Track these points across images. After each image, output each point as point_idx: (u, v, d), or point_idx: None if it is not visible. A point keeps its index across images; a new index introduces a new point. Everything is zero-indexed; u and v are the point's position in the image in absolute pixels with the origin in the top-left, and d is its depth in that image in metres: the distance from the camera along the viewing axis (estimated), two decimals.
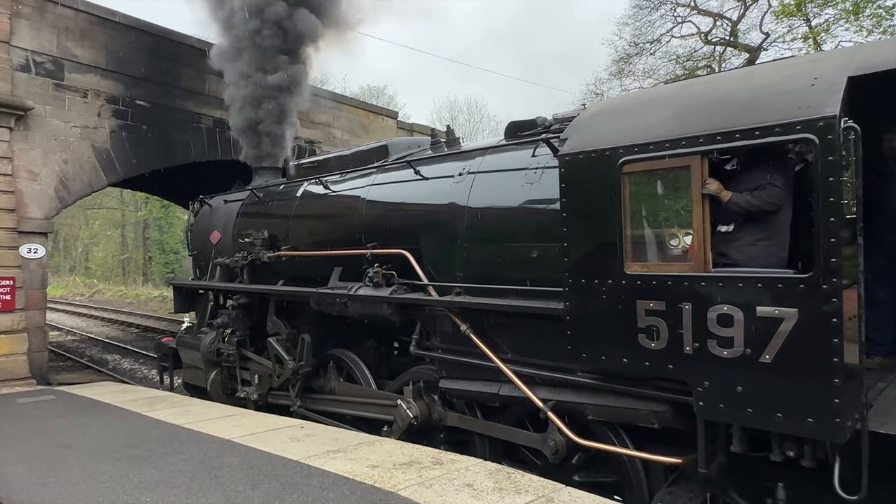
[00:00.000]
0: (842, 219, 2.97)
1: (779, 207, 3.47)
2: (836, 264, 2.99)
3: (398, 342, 7.03)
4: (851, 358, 3.03)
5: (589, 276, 3.92)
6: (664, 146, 3.57)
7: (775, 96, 3.29)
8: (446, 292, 5.11)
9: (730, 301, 3.33)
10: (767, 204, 3.46)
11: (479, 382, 4.96)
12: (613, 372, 3.94)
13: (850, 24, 16.49)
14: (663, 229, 3.75)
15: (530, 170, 4.74)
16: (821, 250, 3.03)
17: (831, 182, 2.97)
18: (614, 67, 23.79)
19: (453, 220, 5.16)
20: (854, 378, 3.06)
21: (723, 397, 3.37)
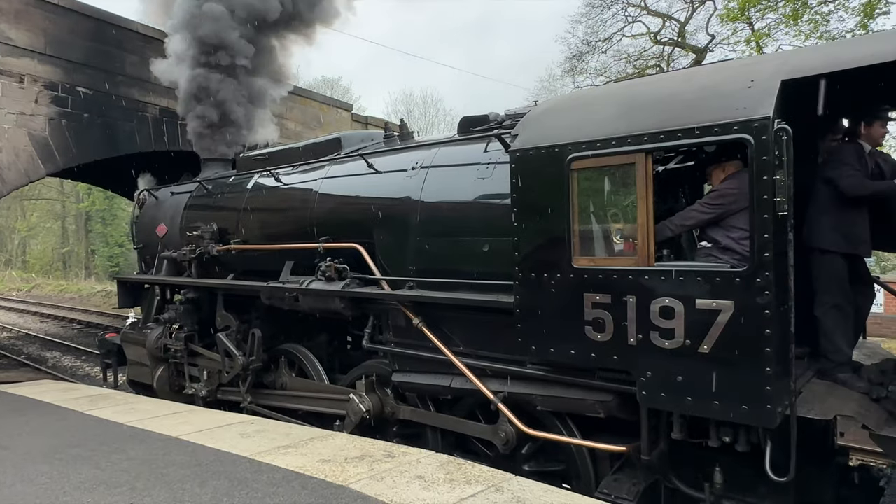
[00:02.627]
0: (774, 216, 3.12)
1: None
2: (769, 259, 3.14)
3: (351, 336, 7.00)
4: (782, 348, 3.20)
5: (538, 270, 4.00)
6: (611, 143, 3.67)
7: (715, 97, 3.43)
8: (399, 286, 5.12)
9: (671, 294, 3.46)
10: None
11: (432, 375, 5.00)
12: (561, 363, 4.03)
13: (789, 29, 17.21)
14: (610, 224, 3.86)
15: (482, 165, 4.78)
16: (755, 246, 3.18)
17: (765, 181, 3.12)
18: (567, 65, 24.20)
19: (406, 213, 5.16)
20: (784, 367, 3.23)
21: (664, 387, 3.51)
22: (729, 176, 3.76)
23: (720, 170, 3.86)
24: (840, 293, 3.95)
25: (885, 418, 3.36)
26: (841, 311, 3.92)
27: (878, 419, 3.35)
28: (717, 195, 3.73)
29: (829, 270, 3.93)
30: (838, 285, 3.94)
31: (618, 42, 23.21)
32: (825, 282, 3.93)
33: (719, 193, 3.72)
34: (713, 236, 3.64)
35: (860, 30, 15.08)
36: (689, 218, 3.78)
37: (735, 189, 3.61)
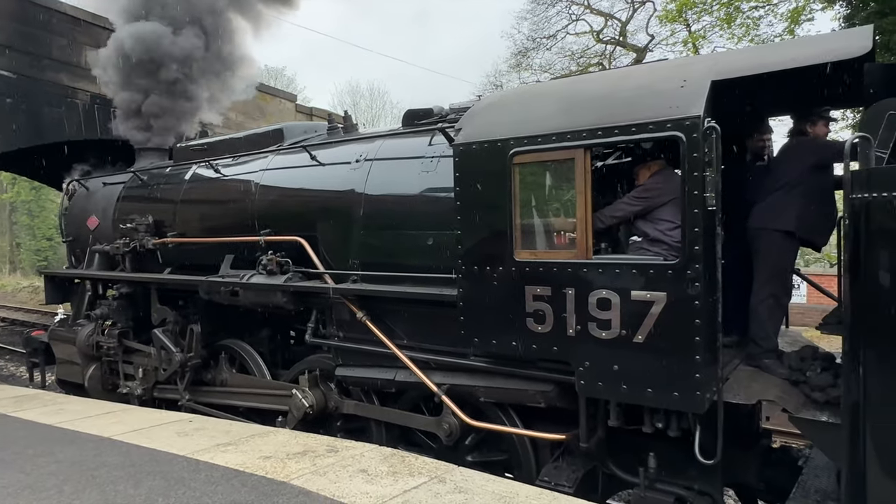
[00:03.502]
0: (704, 211, 3.26)
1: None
2: (699, 251, 3.28)
3: (294, 331, 6.90)
4: (710, 337, 3.35)
5: (481, 263, 4.04)
6: (551, 139, 3.74)
7: (650, 96, 3.54)
8: (343, 280, 5.07)
9: (608, 286, 3.56)
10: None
11: (376, 369, 4.98)
12: (503, 355, 4.09)
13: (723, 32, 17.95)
14: (550, 218, 3.94)
15: (427, 158, 4.78)
16: (686, 239, 3.31)
17: (695, 177, 3.25)
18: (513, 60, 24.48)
19: (350, 206, 5.12)
20: (712, 355, 3.38)
21: (601, 376, 3.62)
22: (654, 173, 3.96)
23: (646, 168, 4.03)
24: (782, 284, 4.13)
25: (802, 402, 3.57)
26: (778, 301, 4.11)
27: (797, 403, 3.55)
28: (642, 190, 3.90)
29: (782, 254, 4.04)
30: (782, 275, 4.12)
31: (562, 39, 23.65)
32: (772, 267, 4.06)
33: (644, 188, 3.89)
34: (643, 229, 3.79)
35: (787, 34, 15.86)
36: (617, 210, 3.93)
37: (659, 185, 3.82)
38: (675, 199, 3.65)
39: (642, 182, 3.99)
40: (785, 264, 4.10)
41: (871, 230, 2.83)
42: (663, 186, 3.77)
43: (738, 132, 4.60)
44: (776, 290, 4.07)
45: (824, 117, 4.10)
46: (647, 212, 3.79)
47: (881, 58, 10.52)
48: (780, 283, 4.11)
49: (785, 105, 4.34)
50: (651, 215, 3.77)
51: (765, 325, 4.06)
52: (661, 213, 3.72)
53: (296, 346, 6.82)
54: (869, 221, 2.83)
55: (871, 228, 2.82)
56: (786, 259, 4.09)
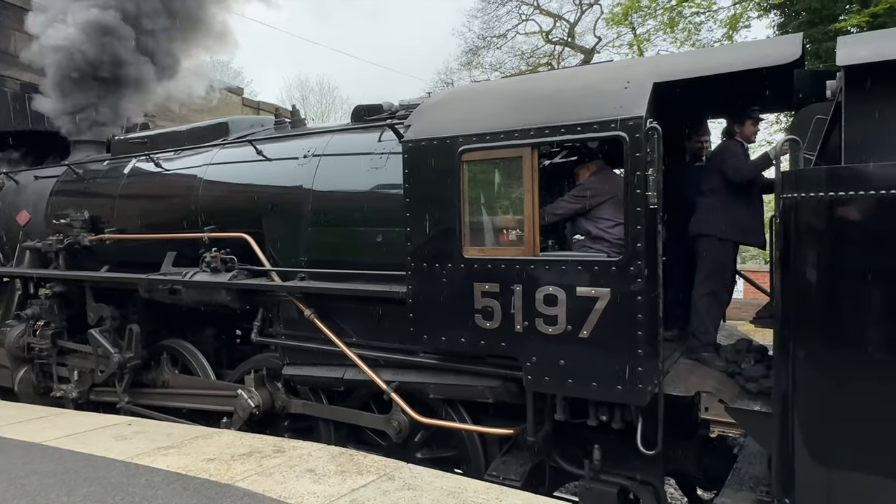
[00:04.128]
0: (646, 209, 3.35)
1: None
2: (642, 249, 3.38)
3: (240, 330, 6.74)
4: (652, 331, 3.46)
5: (430, 260, 4.05)
6: (499, 137, 3.78)
7: (595, 96, 3.62)
8: (290, 277, 4.99)
9: (555, 283, 3.63)
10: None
11: (324, 367, 4.92)
12: (452, 351, 4.12)
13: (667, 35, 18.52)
14: (498, 216, 3.98)
15: (376, 154, 4.75)
16: (629, 237, 3.40)
17: (637, 176, 3.35)
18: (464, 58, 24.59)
19: (297, 203, 5.03)
20: (654, 349, 3.49)
21: (548, 371, 3.68)
22: (592, 173, 4.08)
23: (585, 168, 4.17)
24: (720, 281, 4.28)
25: (737, 392, 3.73)
26: (716, 298, 4.26)
27: (733, 394, 3.71)
28: (581, 189, 4.01)
29: (717, 257, 4.20)
30: (721, 274, 4.27)
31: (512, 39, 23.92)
32: (709, 268, 4.22)
33: (583, 187, 4.00)
34: (585, 227, 3.89)
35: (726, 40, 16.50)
36: (558, 208, 4.02)
37: (597, 184, 3.94)
38: (613, 197, 3.77)
39: (581, 181, 4.09)
40: (722, 264, 4.26)
41: (800, 228, 2.97)
42: (601, 186, 3.90)
43: (680, 133, 4.76)
44: (715, 288, 4.23)
45: (752, 117, 4.26)
46: (587, 210, 3.89)
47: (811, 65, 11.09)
48: (719, 281, 4.26)
49: (723, 107, 4.51)
50: (591, 214, 3.87)
51: (704, 319, 4.21)
52: (600, 211, 3.82)
53: (242, 346, 6.66)
54: (798, 220, 2.97)
55: (799, 227, 2.97)
56: (722, 259, 4.25)
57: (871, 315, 2.81)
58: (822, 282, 2.93)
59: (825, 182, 2.85)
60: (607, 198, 3.82)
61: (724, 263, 4.26)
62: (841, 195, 2.81)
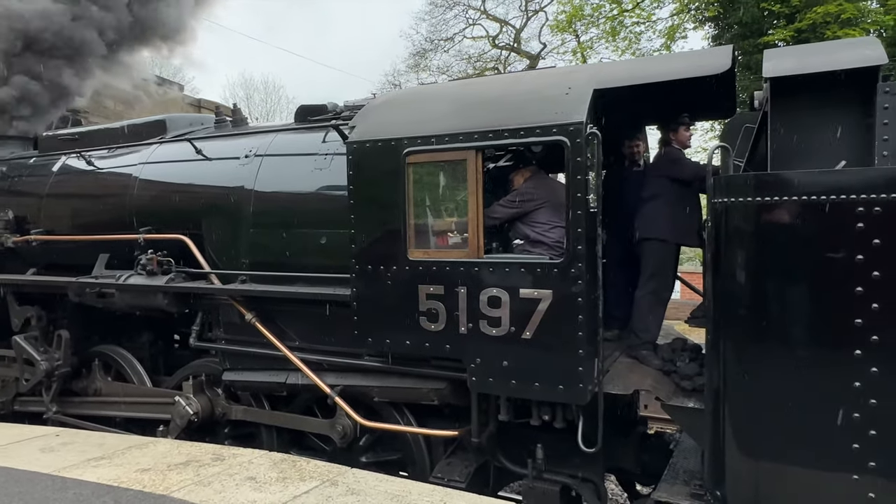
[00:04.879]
0: (587, 212, 3.43)
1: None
2: (582, 251, 3.45)
3: (178, 335, 6.51)
4: (592, 331, 3.53)
5: (375, 263, 4.02)
6: (444, 140, 3.79)
7: (537, 101, 3.68)
8: (231, 280, 4.87)
9: (498, 284, 3.67)
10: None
11: (266, 372, 4.83)
12: (397, 354, 4.11)
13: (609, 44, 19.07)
14: (443, 218, 3.99)
15: (320, 155, 4.69)
16: (570, 239, 3.47)
17: (578, 180, 3.41)
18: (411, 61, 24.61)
19: (239, 203, 4.92)
20: (594, 349, 3.57)
21: (492, 372, 3.71)
22: (526, 179, 4.16)
23: (519, 175, 4.24)
24: (663, 281, 4.42)
25: (673, 390, 3.86)
26: (659, 297, 4.40)
27: (668, 391, 3.83)
28: (515, 194, 4.08)
29: (661, 258, 4.34)
30: (664, 274, 4.41)
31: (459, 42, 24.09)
32: (653, 269, 4.35)
33: (517, 192, 4.08)
34: (523, 231, 3.96)
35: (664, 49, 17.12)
36: (494, 213, 4.06)
37: (532, 189, 4.02)
38: (548, 202, 3.87)
39: (516, 187, 4.17)
40: (665, 265, 4.41)
41: (729, 232, 3.10)
42: (535, 191, 3.98)
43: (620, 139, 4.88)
44: (658, 287, 4.37)
45: (683, 123, 4.43)
46: (524, 215, 3.97)
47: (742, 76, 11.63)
48: (662, 281, 4.42)
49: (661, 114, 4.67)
50: (528, 218, 3.94)
51: (645, 318, 4.34)
52: (537, 215, 3.91)
53: (180, 351, 6.44)
54: (727, 224, 3.10)
55: (729, 230, 3.10)
56: (665, 260, 4.41)
57: (794, 314, 2.96)
58: (749, 283, 3.06)
59: (752, 188, 2.98)
60: (542, 202, 3.91)
61: (666, 264, 4.42)
62: (767, 200, 2.95)
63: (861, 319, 2.76)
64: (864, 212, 2.73)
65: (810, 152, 3.21)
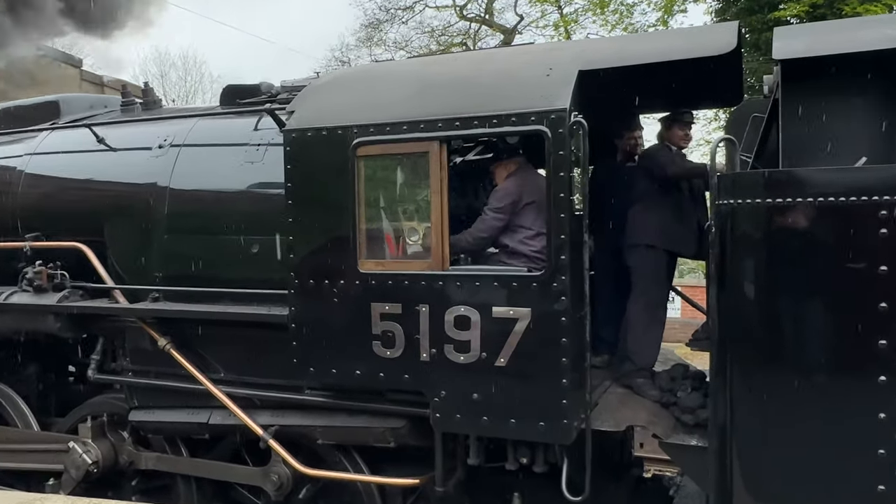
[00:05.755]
0: (571, 215, 3.47)
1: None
2: (566, 261, 3.49)
3: (74, 366, 6.34)
4: (578, 357, 3.57)
5: (318, 276, 4.00)
6: (401, 128, 3.80)
7: (513, 84, 3.73)
8: (140, 298, 4.80)
9: (467, 302, 3.68)
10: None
11: (184, 411, 4.75)
12: (346, 387, 4.08)
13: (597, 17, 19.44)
14: (401, 222, 4.00)
15: (251, 146, 4.67)
16: (551, 247, 3.51)
17: (561, 177, 3.46)
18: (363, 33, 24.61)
19: (150, 204, 4.86)
20: (580, 377, 3.61)
21: (459, 407, 3.72)
22: (510, 174, 4.11)
23: (502, 168, 4.19)
24: (654, 295, 4.49)
25: (672, 425, 3.93)
26: (652, 315, 4.45)
27: (667, 427, 3.90)
28: (502, 195, 4.04)
29: (652, 267, 4.42)
30: (654, 286, 4.48)
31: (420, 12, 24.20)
32: (644, 280, 4.41)
33: (505, 193, 4.03)
34: (502, 241, 3.96)
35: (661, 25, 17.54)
36: (483, 230, 4.02)
37: (518, 186, 3.99)
38: (535, 202, 3.86)
39: (500, 183, 4.15)
40: (655, 276, 4.48)
41: (736, 238, 3.18)
42: (522, 188, 3.95)
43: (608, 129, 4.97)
44: (648, 303, 4.44)
45: (679, 120, 4.52)
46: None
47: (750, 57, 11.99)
48: (653, 295, 4.48)
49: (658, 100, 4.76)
50: (510, 223, 3.94)
51: (639, 339, 4.39)
52: (520, 219, 3.90)
53: (75, 386, 6.28)
54: (734, 229, 3.18)
55: (736, 236, 3.18)
56: (655, 271, 4.47)
57: (810, 335, 3.05)
58: (759, 298, 3.14)
59: (762, 187, 3.07)
60: (526, 203, 3.89)
61: (658, 275, 4.49)
62: (779, 202, 3.03)
63: (886, 340, 2.85)
64: (887, 216, 2.82)
65: (827, 145, 3.32)
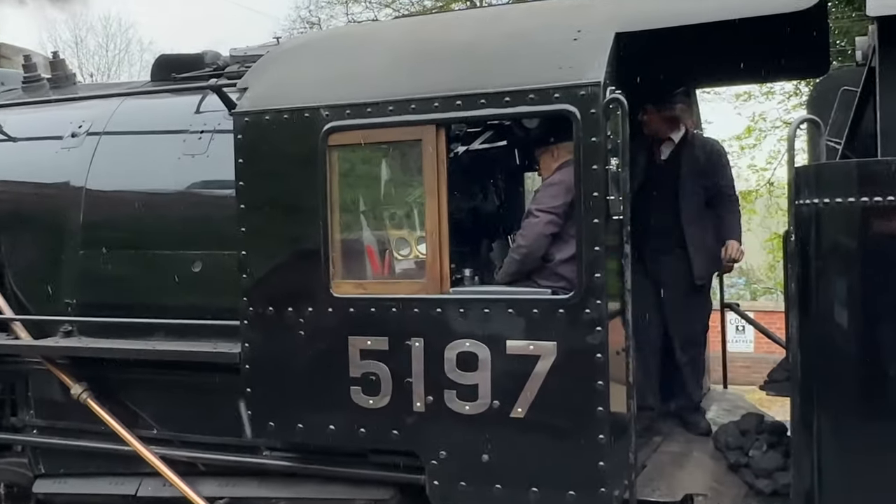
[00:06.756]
0: (606, 221, 3.47)
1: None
2: (602, 281, 3.48)
3: None
4: (619, 405, 3.56)
5: (279, 302, 4.00)
6: (387, 109, 3.81)
7: (530, 50, 3.75)
8: (48, 332, 4.82)
9: (474, 334, 3.67)
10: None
11: (106, 479, 4.77)
12: (316, 446, 4.08)
13: None
14: (386, 231, 4.00)
15: (192, 133, 4.70)
16: (582, 263, 3.50)
17: (594, 171, 3.45)
18: None
19: (61, 210, 4.91)
20: (622, 431, 3.59)
21: (464, 472, 3.71)
22: (564, 163, 4.01)
23: (549, 155, 4.16)
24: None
25: (745, 493, 3.91)
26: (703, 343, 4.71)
27: (737, 495, 3.88)
28: (556, 190, 3.94)
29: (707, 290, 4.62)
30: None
31: None
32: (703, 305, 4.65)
33: (560, 187, 3.90)
34: (549, 252, 3.90)
35: None
36: (535, 235, 3.90)
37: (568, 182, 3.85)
38: None
39: (546, 175, 4.12)
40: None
41: (824, 249, 3.17)
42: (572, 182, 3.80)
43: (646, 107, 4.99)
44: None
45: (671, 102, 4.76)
46: None
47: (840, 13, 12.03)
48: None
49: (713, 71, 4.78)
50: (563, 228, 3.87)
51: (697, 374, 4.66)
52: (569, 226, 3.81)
53: None
54: (820, 237, 3.17)
55: (822, 247, 3.17)
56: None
57: None
58: (856, 326, 3.13)
59: (856, 182, 3.07)
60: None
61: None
62: (878, 201, 3.03)
63: None
64: None
65: None
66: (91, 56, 34.41)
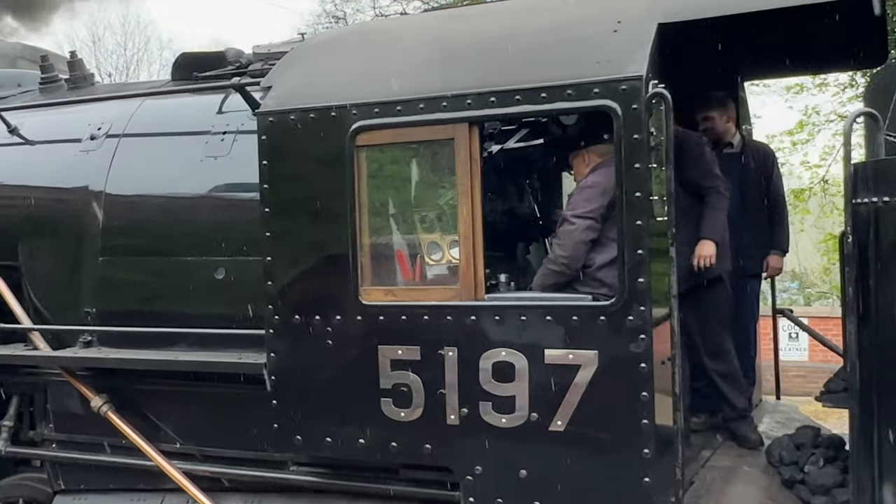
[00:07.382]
0: (650, 222, 3.45)
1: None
2: (645, 286, 3.46)
3: None
4: (664, 418, 3.53)
5: (306, 310, 4.02)
6: (417, 107, 3.81)
7: (567, 43, 3.74)
8: (67, 343, 4.88)
9: (510, 343, 3.66)
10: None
11: (127, 496, 4.82)
12: (345, 461, 4.10)
13: None
14: (417, 235, 4.01)
15: (214, 135, 4.74)
16: (625, 267, 3.49)
17: (636, 171, 3.44)
18: None
19: (80, 216, 4.96)
20: (669, 445, 3.56)
21: (501, 488, 3.70)
22: (595, 166, 4.07)
23: (580, 159, 4.19)
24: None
25: None
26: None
27: None
28: (591, 193, 3.96)
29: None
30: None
31: None
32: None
33: (596, 190, 3.93)
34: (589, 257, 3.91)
35: None
36: (573, 243, 3.91)
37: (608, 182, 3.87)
38: None
39: (581, 179, 4.14)
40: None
41: (883, 250, 3.13)
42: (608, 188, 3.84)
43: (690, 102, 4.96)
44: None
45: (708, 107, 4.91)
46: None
47: None
48: None
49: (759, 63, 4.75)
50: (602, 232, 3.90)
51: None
52: (609, 229, 3.83)
53: None
54: (880, 238, 3.14)
55: (882, 248, 3.13)
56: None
57: None
58: None
59: None
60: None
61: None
62: None
63: None
64: None
65: None
66: (109, 55, 34.84)
